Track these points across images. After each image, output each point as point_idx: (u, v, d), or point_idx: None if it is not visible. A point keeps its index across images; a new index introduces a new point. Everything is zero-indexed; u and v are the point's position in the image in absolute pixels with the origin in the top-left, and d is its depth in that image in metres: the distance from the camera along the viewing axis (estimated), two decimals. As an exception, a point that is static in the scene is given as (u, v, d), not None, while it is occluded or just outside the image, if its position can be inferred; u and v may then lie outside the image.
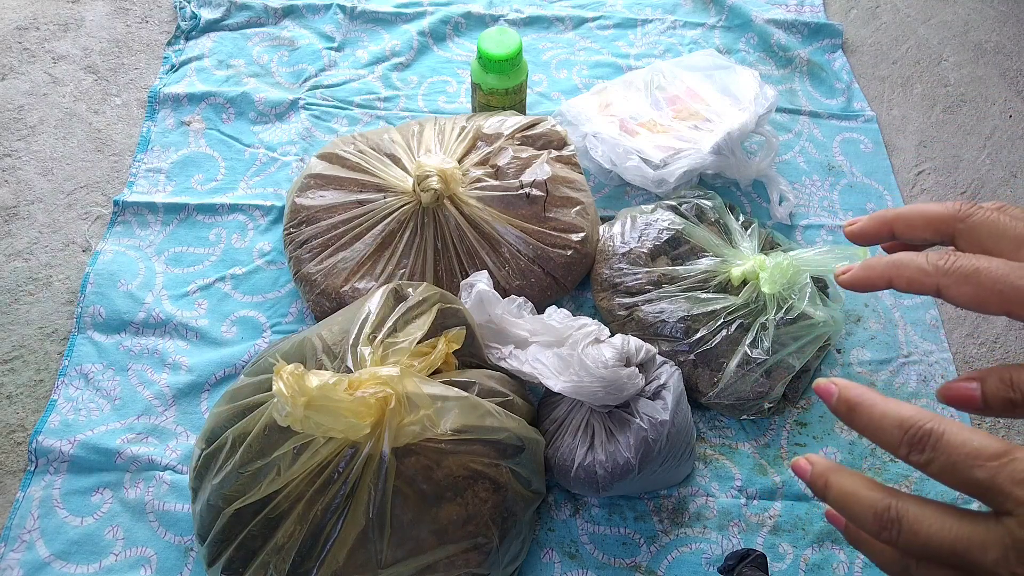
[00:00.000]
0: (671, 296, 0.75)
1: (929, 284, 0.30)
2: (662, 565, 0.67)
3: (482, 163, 0.79)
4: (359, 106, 0.97)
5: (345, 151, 0.80)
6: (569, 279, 0.78)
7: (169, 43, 1.02)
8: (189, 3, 1.05)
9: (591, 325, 0.68)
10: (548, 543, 0.68)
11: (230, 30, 1.04)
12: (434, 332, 0.62)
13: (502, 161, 0.78)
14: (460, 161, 0.78)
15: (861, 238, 0.35)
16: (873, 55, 1.07)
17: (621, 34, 1.07)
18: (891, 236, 0.34)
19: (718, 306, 0.74)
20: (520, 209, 0.77)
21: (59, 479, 0.70)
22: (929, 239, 0.33)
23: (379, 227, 0.75)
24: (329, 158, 0.81)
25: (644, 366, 0.67)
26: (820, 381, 0.31)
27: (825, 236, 0.88)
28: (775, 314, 0.73)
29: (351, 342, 0.59)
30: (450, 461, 0.57)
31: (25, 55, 1.00)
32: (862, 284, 0.32)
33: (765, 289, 0.72)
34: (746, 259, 0.75)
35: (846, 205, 0.91)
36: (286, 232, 0.79)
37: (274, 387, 0.51)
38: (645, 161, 0.84)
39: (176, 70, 0.99)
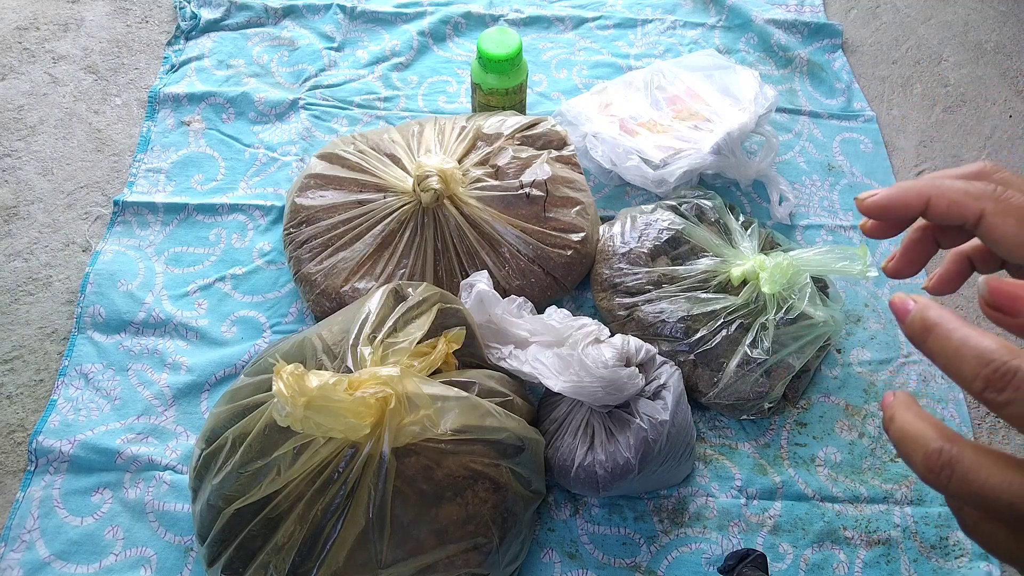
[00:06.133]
0: (671, 296, 0.75)
1: (974, 208, 0.27)
2: (662, 565, 0.67)
3: (482, 163, 0.79)
4: (359, 106, 0.97)
5: (345, 151, 0.80)
6: (569, 279, 0.78)
7: (169, 43, 1.02)
8: (189, 3, 1.05)
9: (591, 325, 0.68)
10: (548, 543, 0.68)
11: (230, 30, 1.04)
12: (434, 332, 0.62)
13: (502, 161, 0.78)
14: (460, 161, 0.78)
15: (882, 211, 0.30)
16: (873, 55, 1.07)
17: (621, 34, 1.07)
18: (921, 212, 0.30)
19: (718, 306, 0.74)
20: (520, 209, 0.77)
21: (59, 479, 0.70)
22: (958, 217, 0.29)
23: (379, 227, 0.75)
24: (329, 158, 0.81)
25: (644, 366, 0.67)
26: (897, 296, 0.26)
27: (825, 236, 0.88)
28: (775, 314, 0.73)
29: (351, 342, 0.59)
30: (450, 461, 0.57)
31: (25, 55, 1.00)
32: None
33: (765, 289, 0.72)
34: (746, 259, 0.75)
35: (846, 205, 0.91)
36: (286, 232, 0.79)
37: (274, 387, 0.50)
38: (645, 161, 0.84)
39: (176, 70, 0.99)
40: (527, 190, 0.76)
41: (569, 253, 0.77)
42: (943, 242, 0.33)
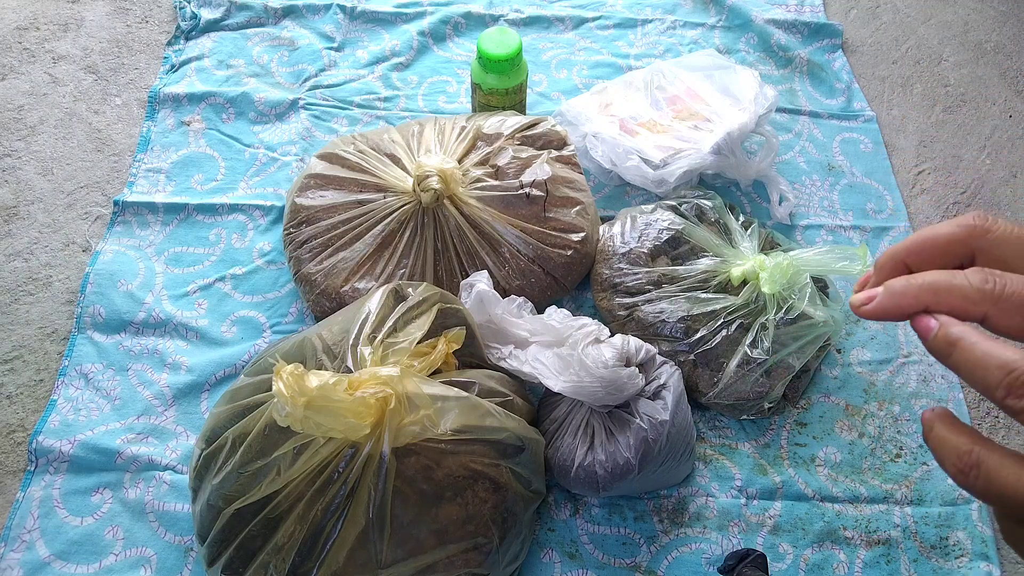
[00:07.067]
0: (671, 296, 0.75)
1: (975, 313, 0.27)
2: (662, 565, 0.67)
3: (482, 163, 0.79)
4: (359, 106, 0.97)
5: (345, 151, 0.80)
6: (569, 279, 0.78)
7: (169, 43, 1.02)
8: (189, 3, 1.05)
9: (591, 325, 0.68)
10: (548, 543, 0.68)
11: (230, 30, 1.04)
12: (434, 332, 0.62)
13: (502, 161, 0.78)
14: (460, 161, 0.78)
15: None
16: (873, 55, 1.07)
17: (621, 34, 1.07)
18: (906, 272, 0.31)
19: (718, 306, 0.74)
20: (520, 209, 0.77)
21: (59, 479, 0.70)
22: (946, 265, 0.30)
23: (379, 227, 0.75)
24: (329, 158, 0.81)
25: (644, 366, 0.67)
26: (921, 317, 0.28)
27: (825, 236, 0.88)
28: (775, 314, 0.73)
29: (351, 342, 0.59)
30: (450, 461, 0.57)
31: (25, 55, 1.00)
32: (893, 313, 0.29)
33: (765, 289, 0.72)
34: (746, 259, 0.75)
35: (846, 205, 0.91)
36: (286, 232, 0.79)
37: (274, 387, 0.50)
38: (645, 161, 0.84)
39: (176, 70, 0.99)
40: (527, 190, 0.76)
41: (569, 253, 0.77)
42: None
